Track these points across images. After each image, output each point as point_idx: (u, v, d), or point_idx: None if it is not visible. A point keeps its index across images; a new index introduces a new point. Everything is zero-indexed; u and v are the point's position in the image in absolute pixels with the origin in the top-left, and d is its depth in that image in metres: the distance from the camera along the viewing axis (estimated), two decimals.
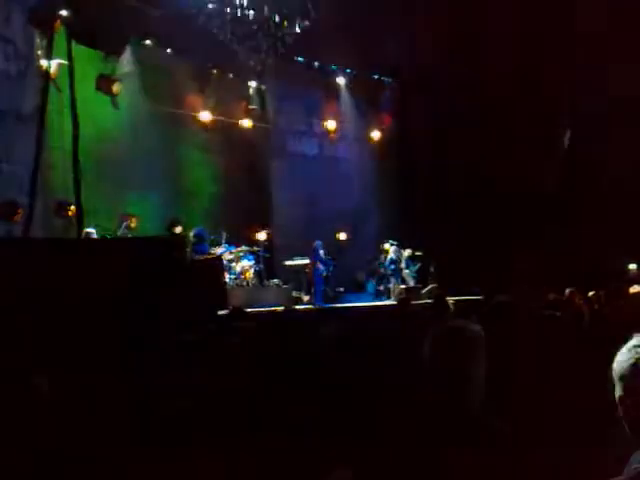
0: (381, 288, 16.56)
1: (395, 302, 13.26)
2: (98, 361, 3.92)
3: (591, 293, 8.61)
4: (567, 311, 4.67)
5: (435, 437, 2.06)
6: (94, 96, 12.90)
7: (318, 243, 15.16)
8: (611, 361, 1.96)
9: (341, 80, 18.52)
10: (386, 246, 16.51)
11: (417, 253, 16.63)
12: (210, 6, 13.48)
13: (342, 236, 17.86)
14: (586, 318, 4.93)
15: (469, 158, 16.95)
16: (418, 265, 16.60)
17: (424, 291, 15.34)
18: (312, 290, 15.20)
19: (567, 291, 8.67)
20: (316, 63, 17.84)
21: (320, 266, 14.94)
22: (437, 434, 2.07)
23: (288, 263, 16.14)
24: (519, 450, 2.06)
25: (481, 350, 2.17)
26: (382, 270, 16.53)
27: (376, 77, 19.57)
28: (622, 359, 1.94)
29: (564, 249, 16.50)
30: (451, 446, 2.01)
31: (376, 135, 19.27)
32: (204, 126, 15.59)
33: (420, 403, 2.36)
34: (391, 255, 16.21)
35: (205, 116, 15.48)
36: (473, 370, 2.12)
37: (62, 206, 11.47)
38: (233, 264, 13.84)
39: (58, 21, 10.83)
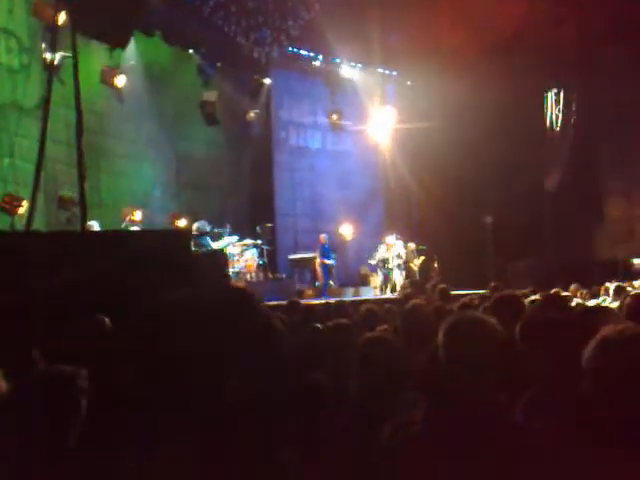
0: (385, 281, 16.53)
1: (399, 296, 13.24)
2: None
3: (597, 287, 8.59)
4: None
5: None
6: (98, 89, 12.88)
7: (326, 237, 15.21)
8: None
9: (345, 73, 18.46)
10: (389, 240, 16.49)
11: (421, 247, 16.62)
12: None
13: (346, 230, 17.83)
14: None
15: (472, 154, 16.95)
16: (422, 258, 16.58)
17: (428, 285, 15.31)
18: (317, 284, 15.24)
19: (572, 286, 8.67)
20: (320, 56, 17.78)
21: (328, 262, 15.03)
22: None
23: (292, 257, 16.14)
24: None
25: (496, 342, 2.15)
26: (385, 264, 16.49)
27: (380, 70, 19.51)
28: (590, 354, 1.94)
29: (566, 244, 16.49)
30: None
31: (380, 128, 19.20)
32: (208, 119, 15.55)
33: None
34: (395, 249, 16.18)
35: (208, 109, 15.43)
36: (487, 361, 2.11)
37: (65, 199, 11.45)
38: (236, 257, 13.84)
39: (62, 13, 10.78)
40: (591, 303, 6.61)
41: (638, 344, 1.91)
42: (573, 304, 6.21)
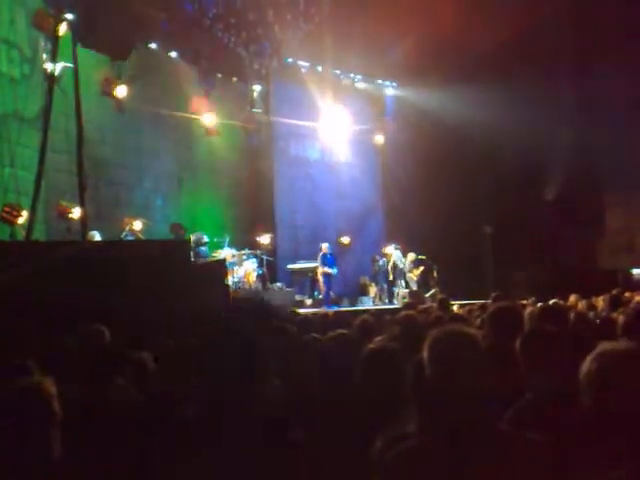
0: (384, 292, 16.54)
1: (400, 306, 13.25)
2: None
3: (596, 298, 8.57)
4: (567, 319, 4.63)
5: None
6: (99, 100, 12.93)
7: (328, 246, 15.20)
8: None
9: (345, 84, 18.53)
10: (388, 250, 16.49)
11: (420, 257, 16.61)
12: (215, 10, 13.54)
13: (345, 240, 17.86)
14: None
15: (471, 165, 17.01)
16: (421, 269, 16.57)
17: (427, 295, 15.32)
18: (316, 293, 15.26)
19: (572, 297, 8.65)
20: (319, 67, 17.85)
21: (328, 269, 15.03)
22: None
23: (291, 267, 16.14)
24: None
25: (482, 355, 2.16)
26: (384, 274, 16.50)
27: (379, 81, 19.60)
28: (588, 369, 1.94)
29: (566, 254, 16.49)
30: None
31: (379, 139, 19.28)
32: (208, 130, 15.62)
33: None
34: (394, 259, 16.19)
35: (209, 120, 15.50)
36: (473, 375, 2.11)
37: (66, 209, 11.48)
38: (236, 267, 13.84)
39: (63, 24, 10.85)
40: (590, 315, 6.61)
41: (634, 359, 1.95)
42: (572, 315, 6.21)
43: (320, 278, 15.13)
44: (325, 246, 15.17)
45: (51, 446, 2.27)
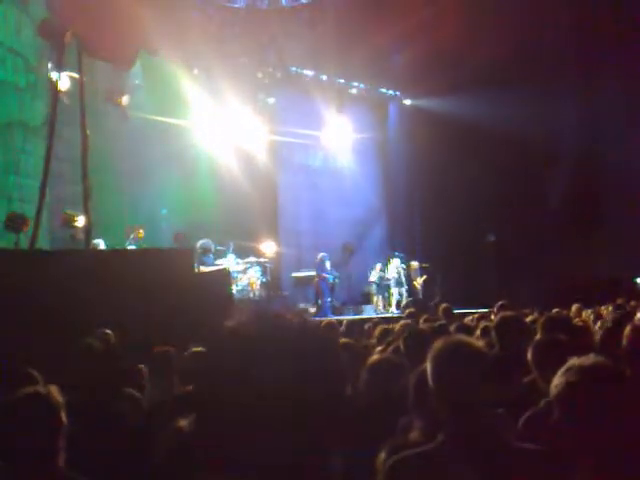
0: (387, 300, 16.50)
1: (403, 314, 13.22)
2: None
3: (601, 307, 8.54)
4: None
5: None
6: (104, 108, 12.97)
7: (324, 255, 15.17)
8: None
9: (348, 93, 18.57)
10: (392, 258, 16.47)
11: (424, 265, 16.59)
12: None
13: (348, 247, 17.83)
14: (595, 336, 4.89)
15: (474, 173, 17.01)
16: (424, 277, 16.55)
17: (431, 304, 15.27)
18: (319, 302, 15.21)
19: (573, 307, 8.61)
20: (323, 76, 17.90)
21: (326, 278, 14.97)
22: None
23: (295, 275, 16.13)
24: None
25: (485, 368, 2.16)
26: (387, 282, 16.47)
27: (382, 90, 19.64)
28: (556, 383, 1.95)
29: (569, 263, 16.46)
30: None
31: (382, 147, 19.31)
32: (212, 138, 15.65)
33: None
34: (397, 267, 16.16)
35: (212, 128, 15.53)
36: (476, 389, 2.11)
37: (70, 218, 11.47)
38: (239, 275, 13.84)
39: (68, 34, 10.89)
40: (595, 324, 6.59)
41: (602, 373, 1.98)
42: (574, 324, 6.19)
43: (317, 286, 15.11)
44: (321, 256, 15.14)
45: (57, 455, 2.26)
